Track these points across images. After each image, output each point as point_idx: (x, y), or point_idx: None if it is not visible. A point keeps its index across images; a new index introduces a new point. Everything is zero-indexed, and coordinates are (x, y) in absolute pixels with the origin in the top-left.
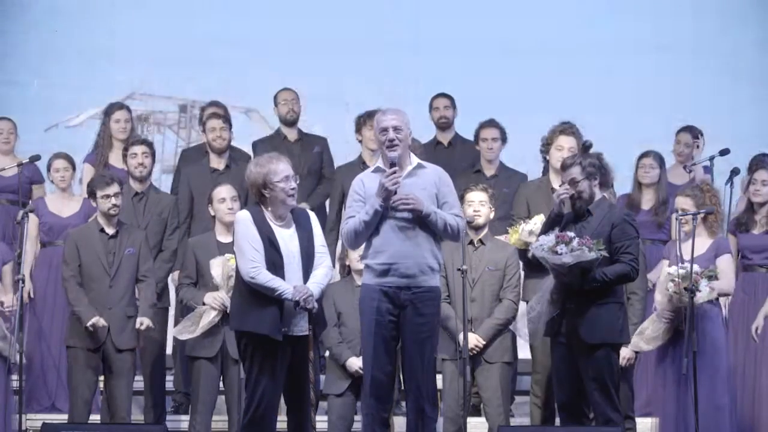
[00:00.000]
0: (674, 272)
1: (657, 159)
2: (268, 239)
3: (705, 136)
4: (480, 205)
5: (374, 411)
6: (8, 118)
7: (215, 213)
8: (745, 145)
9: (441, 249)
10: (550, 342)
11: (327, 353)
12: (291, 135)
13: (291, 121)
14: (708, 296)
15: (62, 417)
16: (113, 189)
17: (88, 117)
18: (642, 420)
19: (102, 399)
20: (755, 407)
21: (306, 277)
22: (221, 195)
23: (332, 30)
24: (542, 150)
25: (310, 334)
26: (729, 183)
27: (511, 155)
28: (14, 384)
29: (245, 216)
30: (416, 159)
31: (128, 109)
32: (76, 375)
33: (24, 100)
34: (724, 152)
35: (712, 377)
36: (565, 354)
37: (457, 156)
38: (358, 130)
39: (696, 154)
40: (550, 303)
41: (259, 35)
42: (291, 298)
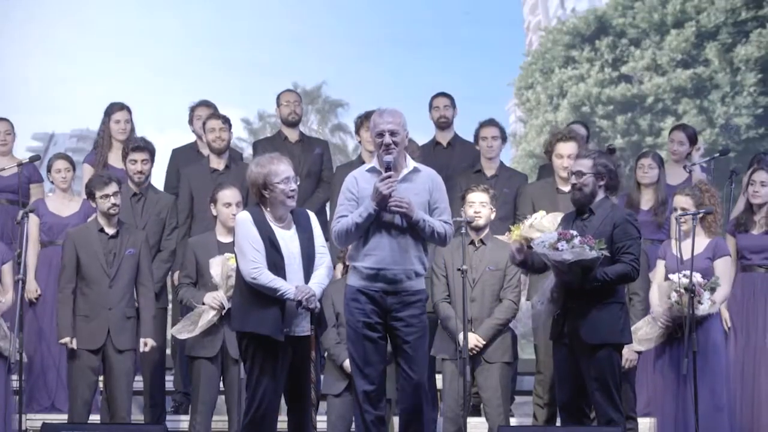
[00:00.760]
0: (677, 281)
1: (656, 159)
2: (269, 240)
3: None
4: (481, 206)
5: (369, 413)
6: (5, 119)
7: (218, 214)
8: None
9: (428, 254)
10: (553, 342)
11: (325, 354)
12: (292, 136)
13: (293, 122)
14: (710, 309)
15: (62, 417)
16: (112, 188)
17: None
18: (641, 420)
19: (102, 399)
20: (754, 407)
21: (307, 278)
22: (227, 199)
23: None
24: (545, 154)
25: (312, 334)
26: (729, 183)
27: None
28: (14, 384)
29: (245, 217)
30: (412, 162)
31: (128, 110)
32: (76, 375)
33: None
34: (724, 152)
35: (712, 378)
36: (567, 354)
37: (457, 156)
38: (357, 131)
39: (695, 155)
40: (551, 302)
41: None
42: (293, 298)
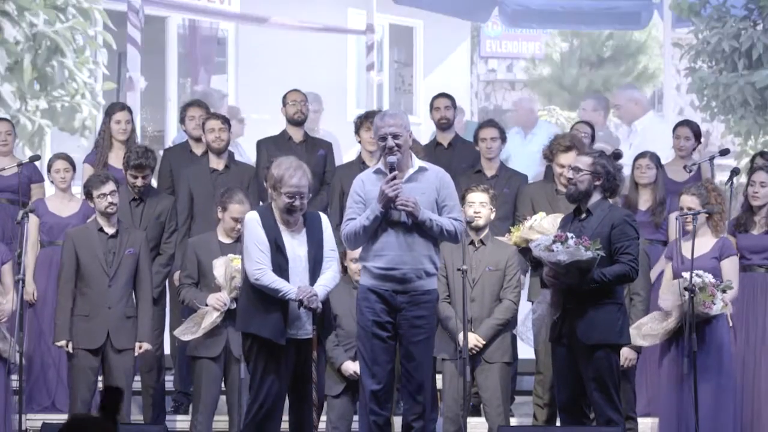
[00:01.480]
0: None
1: (654, 159)
2: (275, 242)
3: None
4: (481, 206)
5: (375, 414)
6: (6, 119)
7: (223, 222)
8: None
9: (439, 252)
10: (552, 343)
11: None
12: (296, 136)
13: (299, 122)
14: (722, 309)
15: (62, 417)
16: (109, 187)
17: None
18: (642, 420)
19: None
20: (755, 406)
21: (313, 282)
22: (236, 214)
23: None
24: (544, 158)
25: (314, 336)
26: (729, 183)
27: None
28: (14, 384)
29: (253, 217)
30: (418, 162)
31: (129, 110)
32: (76, 375)
33: None
34: (724, 152)
35: (718, 376)
36: (566, 355)
37: (457, 156)
38: (357, 131)
39: (697, 153)
40: (551, 305)
41: None
42: (295, 298)
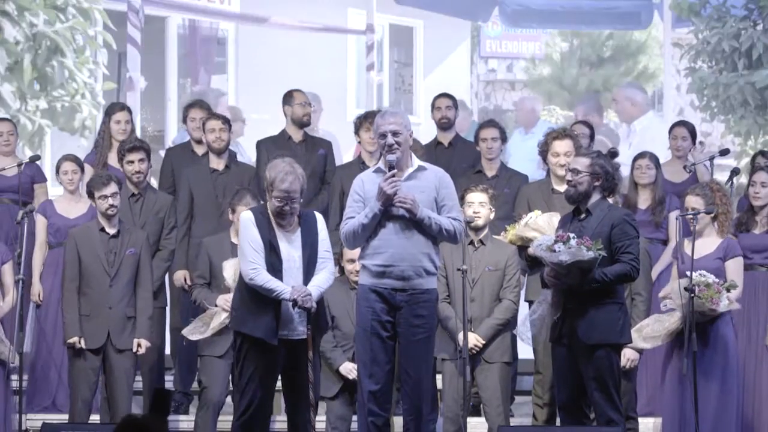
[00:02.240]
0: (696, 279)
1: (653, 160)
2: (269, 242)
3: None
4: (480, 206)
5: (373, 415)
6: (8, 119)
7: (234, 223)
8: None
9: (439, 251)
10: (552, 343)
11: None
12: (296, 136)
13: (306, 123)
14: (727, 307)
15: (62, 417)
16: (110, 189)
17: None
18: (644, 420)
19: (102, 399)
20: (755, 406)
21: (307, 282)
22: None
23: None
24: (540, 154)
25: (309, 336)
26: (729, 183)
27: None
28: (14, 384)
29: (248, 217)
30: (417, 161)
31: (129, 110)
32: (77, 375)
33: None
34: (724, 152)
35: (723, 375)
36: (566, 354)
37: (458, 156)
38: (357, 132)
39: (695, 153)
40: (551, 305)
41: None
42: (289, 298)
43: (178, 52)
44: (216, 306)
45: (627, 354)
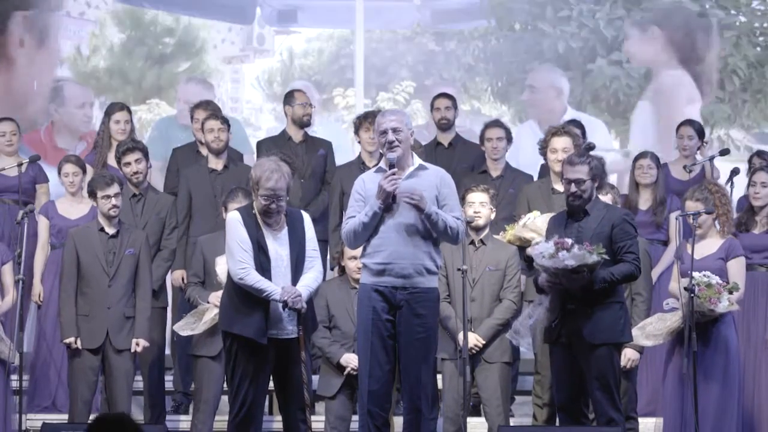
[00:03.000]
0: (698, 279)
1: (654, 160)
2: (257, 242)
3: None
4: (480, 206)
5: (374, 414)
6: (11, 119)
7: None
8: None
9: (440, 251)
10: (549, 343)
11: (318, 354)
12: (296, 136)
13: (306, 124)
14: (728, 308)
15: (62, 417)
16: (113, 189)
17: None
18: (644, 420)
19: (102, 399)
20: (755, 405)
21: (295, 281)
22: None
23: None
24: (540, 152)
25: (301, 336)
26: (729, 183)
27: None
28: (14, 384)
29: (235, 217)
30: (418, 160)
31: (128, 110)
32: (76, 375)
33: None
34: (724, 152)
35: (724, 375)
36: (565, 355)
37: (458, 156)
38: (356, 132)
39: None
40: (549, 310)
41: None
42: (279, 299)
43: None
44: (209, 303)
45: (627, 354)
